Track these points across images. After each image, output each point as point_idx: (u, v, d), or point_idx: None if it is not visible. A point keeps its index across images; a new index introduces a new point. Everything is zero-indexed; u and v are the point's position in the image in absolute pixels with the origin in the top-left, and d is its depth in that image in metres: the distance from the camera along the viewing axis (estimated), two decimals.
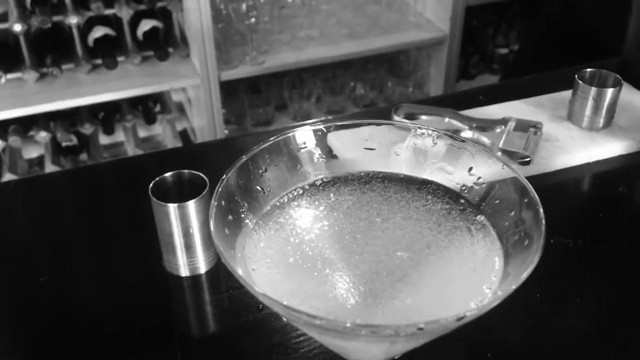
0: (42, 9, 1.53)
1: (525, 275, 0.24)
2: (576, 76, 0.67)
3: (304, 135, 0.30)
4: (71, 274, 0.55)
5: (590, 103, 0.66)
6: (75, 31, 1.59)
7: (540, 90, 0.74)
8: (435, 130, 0.29)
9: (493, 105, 0.71)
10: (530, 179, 0.60)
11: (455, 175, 0.29)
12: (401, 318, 0.23)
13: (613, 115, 0.67)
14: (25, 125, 1.68)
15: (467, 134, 0.62)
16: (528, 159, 0.61)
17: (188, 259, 0.52)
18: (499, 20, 2.08)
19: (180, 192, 0.51)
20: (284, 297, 0.24)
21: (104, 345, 0.48)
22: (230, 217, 0.26)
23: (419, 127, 0.29)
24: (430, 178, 0.29)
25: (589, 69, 0.68)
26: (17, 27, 1.53)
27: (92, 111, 1.75)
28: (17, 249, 0.57)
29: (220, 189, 0.27)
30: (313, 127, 0.30)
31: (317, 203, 0.29)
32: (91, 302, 0.52)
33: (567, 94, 0.69)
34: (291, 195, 0.29)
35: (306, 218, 0.28)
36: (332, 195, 0.29)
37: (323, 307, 0.23)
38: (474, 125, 0.64)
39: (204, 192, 0.50)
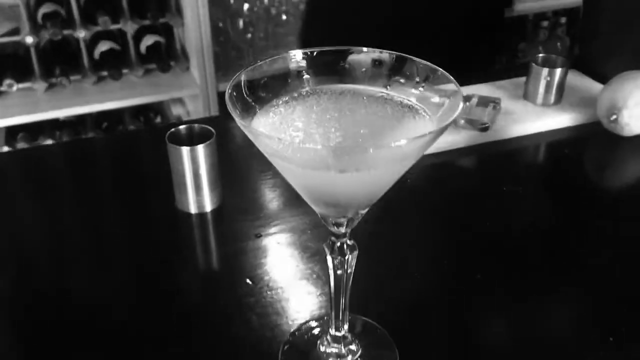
0: (53, 22, 1.64)
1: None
2: (530, 60, 0.77)
3: (296, 56, 0.40)
4: (101, 210, 0.64)
5: (542, 82, 0.76)
6: (82, 44, 1.70)
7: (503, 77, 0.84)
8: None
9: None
10: (490, 144, 0.70)
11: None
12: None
13: (562, 93, 0.77)
14: (33, 133, 1.78)
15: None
16: (487, 125, 0.71)
17: (197, 197, 0.61)
18: None
19: (191, 143, 0.61)
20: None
21: (125, 272, 0.57)
22: (239, 106, 0.36)
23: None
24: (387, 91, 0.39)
25: (541, 54, 0.78)
26: (29, 40, 1.64)
27: (96, 121, 1.85)
28: (52, 193, 0.67)
29: (233, 83, 0.36)
30: (303, 51, 0.40)
31: (305, 103, 0.39)
32: (116, 236, 0.61)
33: (525, 79, 0.79)
34: (285, 98, 0.39)
35: (297, 112, 0.38)
36: (315, 99, 0.39)
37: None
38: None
39: (211, 140, 0.60)
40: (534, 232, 0.60)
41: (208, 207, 0.62)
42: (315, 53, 0.40)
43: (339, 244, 0.41)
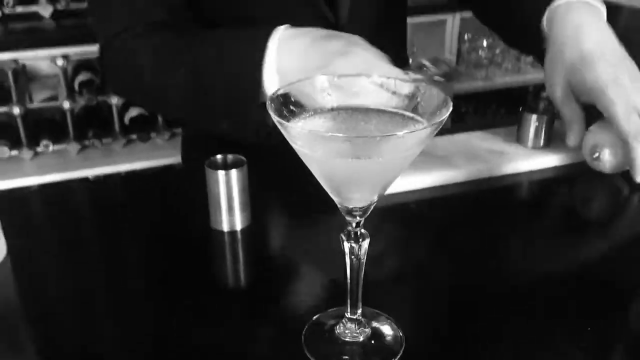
0: (88, 89, 1.79)
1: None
2: (520, 108, 0.88)
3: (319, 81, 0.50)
4: (147, 231, 0.74)
5: (532, 128, 0.87)
6: (114, 110, 1.84)
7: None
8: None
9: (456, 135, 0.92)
10: (483, 180, 0.80)
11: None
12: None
13: (551, 137, 0.87)
14: None
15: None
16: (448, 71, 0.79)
17: (229, 217, 0.70)
18: None
19: (226, 169, 0.71)
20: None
21: (163, 283, 0.66)
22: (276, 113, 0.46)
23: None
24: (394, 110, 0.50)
25: (528, 105, 0.89)
26: (66, 105, 1.78)
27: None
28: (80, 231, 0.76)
29: (272, 96, 0.46)
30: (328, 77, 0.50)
31: (327, 116, 0.49)
32: (157, 251, 0.71)
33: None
34: (311, 112, 0.49)
35: (321, 120, 0.48)
36: (335, 113, 0.49)
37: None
38: None
39: (243, 165, 0.70)
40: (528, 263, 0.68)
41: (239, 226, 0.71)
42: (336, 78, 0.51)
43: (353, 233, 0.50)
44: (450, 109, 0.44)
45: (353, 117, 0.49)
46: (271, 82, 0.74)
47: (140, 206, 0.81)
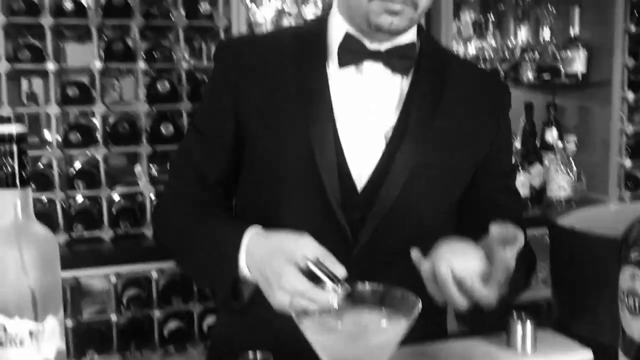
0: (135, 303, 1.98)
1: None
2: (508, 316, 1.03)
3: None
4: None
5: (519, 334, 1.00)
6: (156, 323, 2.01)
7: None
8: None
9: None
10: None
11: None
12: None
13: (536, 343, 1.01)
14: None
15: None
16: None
17: None
18: None
19: None
20: None
21: None
22: None
23: None
24: None
25: (515, 312, 1.04)
26: (113, 318, 1.96)
27: None
28: None
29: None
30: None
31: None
32: None
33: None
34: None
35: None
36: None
37: None
38: None
39: None
40: None
41: None
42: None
43: None
44: (419, 309, 0.60)
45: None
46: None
47: None
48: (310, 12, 2.15)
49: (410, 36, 1.12)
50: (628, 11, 2.36)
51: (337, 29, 1.13)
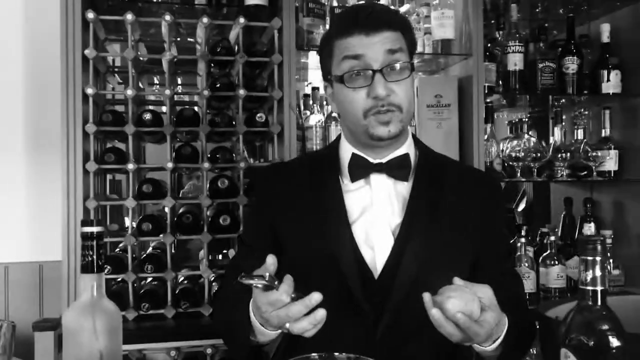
0: None
1: None
2: None
3: None
4: None
5: None
6: None
7: None
8: None
9: None
10: None
11: None
12: None
13: None
14: None
15: None
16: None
17: None
18: None
19: None
20: None
21: None
22: None
23: None
24: None
25: None
26: None
27: None
28: None
29: None
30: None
31: None
32: None
33: None
34: None
35: None
36: None
37: None
38: None
39: None
40: None
41: None
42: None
43: None
44: None
45: None
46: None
47: None
48: None
49: (404, 148, 1.38)
50: None
51: (346, 151, 1.41)
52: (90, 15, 2.06)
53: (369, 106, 1.30)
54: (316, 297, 1.08)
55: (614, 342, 0.89)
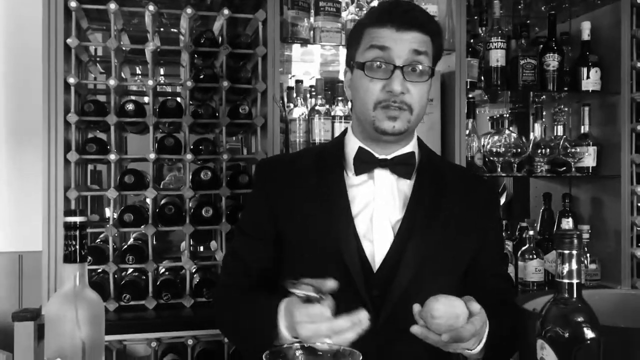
0: None
1: None
2: None
3: None
4: None
5: None
6: None
7: None
8: None
9: None
10: None
11: None
12: None
13: None
14: None
15: None
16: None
17: None
18: None
19: None
20: None
21: None
22: None
23: None
24: None
25: None
26: None
27: None
28: None
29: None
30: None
31: None
32: None
33: None
34: None
35: None
36: None
37: None
38: None
39: None
40: None
41: None
42: None
43: None
44: None
45: None
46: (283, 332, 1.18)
47: None
48: (339, 110, 2.43)
49: (410, 147, 1.40)
50: (634, 112, 2.55)
51: (352, 144, 1.41)
52: (73, 4, 2.04)
53: (381, 98, 1.31)
54: (363, 315, 1.11)
55: (589, 333, 0.92)
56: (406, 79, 1.30)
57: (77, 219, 1.00)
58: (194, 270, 2.26)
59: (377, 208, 1.37)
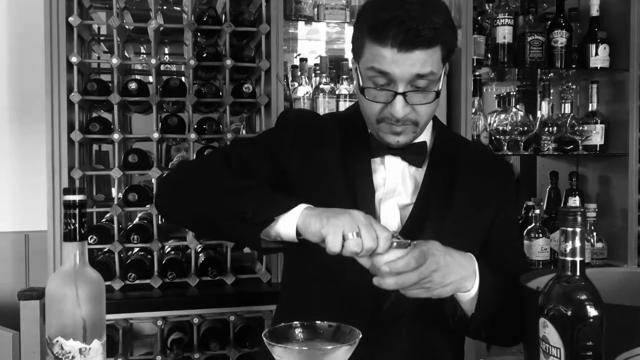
0: (177, 346, 2.21)
1: None
2: None
3: None
4: None
5: None
6: None
7: None
8: None
9: None
10: None
11: None
12: None
13: None
14: None
15: None
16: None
17: None
18: None
19: None
20: None
21: None
22: None
23: None
24: None
25: None
26: (159, 359, 2.20)
27: None
28: None
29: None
30: None
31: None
32: None
33: None
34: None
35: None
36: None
37: None
38: None
39: None
40: None
41: None
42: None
43: None
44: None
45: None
46: (287, 228, 1.12)
47: None
48: (344, 89, 2.41)
49: (423, 136, 1.36)
50: None
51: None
52: None
53: (384, 116, 1.26)
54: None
55: (592, 311, 0.90)
56: (408, 103, 1.24)
57: (76, 197, 1.00)
58: (199, 250, 2.27)
59: (386, 193, 1.35)
